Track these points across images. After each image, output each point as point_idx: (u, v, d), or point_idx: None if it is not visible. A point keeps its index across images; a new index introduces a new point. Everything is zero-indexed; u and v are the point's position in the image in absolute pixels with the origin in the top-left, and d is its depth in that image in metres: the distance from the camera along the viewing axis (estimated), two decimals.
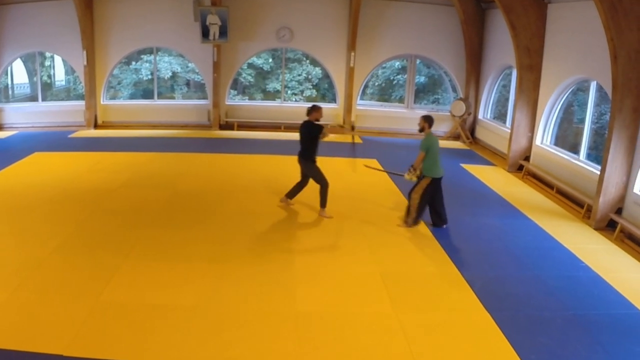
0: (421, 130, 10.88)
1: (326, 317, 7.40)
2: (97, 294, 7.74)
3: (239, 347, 6.65)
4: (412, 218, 10.88)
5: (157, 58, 21.80)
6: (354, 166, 12.66)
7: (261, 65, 23.89)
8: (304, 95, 23.98)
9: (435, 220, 11.00)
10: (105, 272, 8.41)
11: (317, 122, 11.15)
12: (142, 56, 23.07)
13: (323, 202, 11.43)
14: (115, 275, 8.31)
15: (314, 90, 24.19)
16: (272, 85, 23.67)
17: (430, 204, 10.92)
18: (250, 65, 23.64)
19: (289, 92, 23.53)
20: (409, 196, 10.99)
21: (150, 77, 22.29)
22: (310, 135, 11.05)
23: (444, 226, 10.96)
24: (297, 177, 11.67)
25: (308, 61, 23.71)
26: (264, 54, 23.45)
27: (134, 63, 23.34)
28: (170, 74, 23.32)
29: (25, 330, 6.75)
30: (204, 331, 6.92)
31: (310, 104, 11.65)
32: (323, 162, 11.85)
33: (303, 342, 6.76)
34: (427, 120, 10.80)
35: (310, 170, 11.35)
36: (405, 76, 21.96)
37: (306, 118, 11.20)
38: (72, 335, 6.66)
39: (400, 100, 22.63)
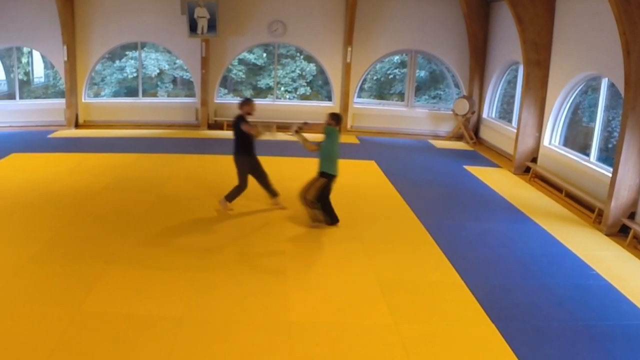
0: (327, 125, 10.97)
1: (321, 328, 7.34)
2: (78, 303, 7.67)
3: (228, 359, 6.62)
4: (311, 216, 11.02)
5: (144, 54, 21.79)
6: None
7: (253, 61, 23.86)
8: (297, 93, 23.94)
9: (331, 218, 11.13)
10: (86, 280, 8.34)
11: (246, 117, 11.27)
12: (127, 52, 23.03)
13: (231, 196, 11.66)
14: (96, 284, 8.25)
15: (308, 88, 24.17)
16: (264, 81, 23.64)
17: (322, 201, 11.03)
18: (242, 61, 23.62)
19: (281, 89, 23.51)
20: (321, 203, 10.98)
21: (135, 74, 22.25)
22: (235, 129, 11.29)
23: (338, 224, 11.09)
24: (291, 180, 11.66)
25: (302, 57, 23.71)
26: (257, 49, 23.46)
27: (118, 62, 23.27)
28: (157, 71, 23.28)
29: (1, 343, 6.67)
30: (192, 343, 6.87)
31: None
32: (316, 164, 11.68)
33: (296, 355, 6.71)
34: (334, 119, 10.99)
35: (237, 164, 11.56)
36: (405, 70, 21.98)
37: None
38: (51, 348, 6.57)
39: (400, 96, 22.63)
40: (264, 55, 23.88)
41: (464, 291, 8.49)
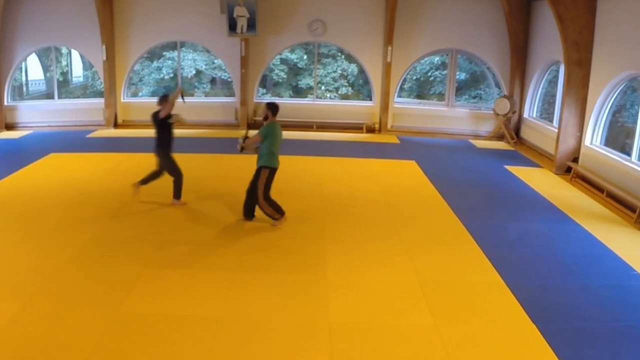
0: (265, 118, 10.95)
1: (361, 328, 7.33)
2: (117, 304, 7.75)
3: None
4: (270, 213, 10.98)
5: (181, 55, 21.94)
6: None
7: (295, 61, 23.92)
8: (339, 92, 23.98)
9: (248, 212, 11.19)
10: (125, 281, 8.43)
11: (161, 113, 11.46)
12: (164, 53, 23.21)
13: (177, 193, 11.85)
14: (136, 285, 8.33)
15: (349, 88, 24.19)
16: (305, 81, 23.70)
17: (250, 194, 11.06)
18: (283, 61, 23.69)
19: (322, 88, 23.55)
20: (248, 195, 11.04)
21: (172, 75, 22.38)
22: (156, 123, 11.52)
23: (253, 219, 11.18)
24: (331, 178, 11.67)
25: (343, 57, 23.71)
26: (298, 49, 23.50)
27: (155, 62, 23.47)
28: (193, 72, 23.42)
29: (40, 344, 6.74)
30: (231, 344, 6.89)
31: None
32: (356, 164, 11.81)
33: (336, 355, 6.69)
34: (271, 108, 10.90)
35: (162, 160, 11.70)
36: (444, 72, 21.92)
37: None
38: (90, 349, 6.64)
39: (439, 96, 22.57)
40: (305, 57, 23.91)
41: (504, 291, 8.47)
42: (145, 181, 11.93)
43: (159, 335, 7.03)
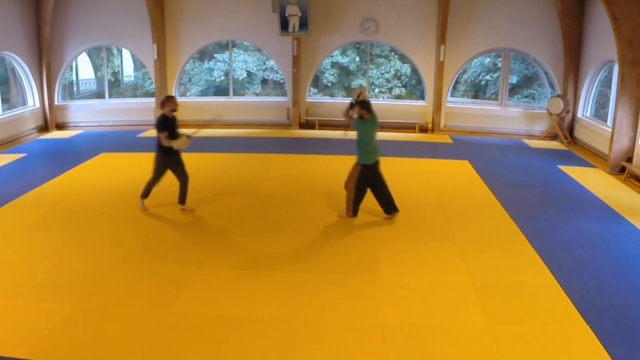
0: (360, 118, 10.93)
1: (415, 329, 7.32)
2: (168, 305, 7.84)
3: None
4: (349, 209, 11.18)
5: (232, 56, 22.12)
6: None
7: (347, 64, 23.93)
8: (392, 93, 23.91)
9: (385, 207, 11.28)
10: (176, 282, 8.52)
11: (170, 115, 11.13)
12: (215, 55, 23.34)
13: (145, 193, 11.60)
14: (187, 286, 8.41)
15: (403, 88, 24.12)
16: (357, 81, 23.68)
17: (373, 192, 11.20)
18: (335, 64, 23.73)
19: (375, 90, 23.53)
20: (345, 187, 11.20)
21: (223, 78, 22.53)
22: (156, 128, 11.16)
23: (396, 213, 11.28)
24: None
25: (396, 57, 23.67)
26: (350, 51, 23.50)
27: (207, 62, 23.64)
28: (244, 74, 23.53)
29: (91, 344, 6.83)
30: (283, 344, 6.92)
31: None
32: (409, 164, 11.79)
33: (390, 357, 6.70)
34: (364, 107, 10.90)
35: (155, 161, 11.39)
36: (497, 75, 21.75)
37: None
38: (140, 349, 6.73)
39: (491, 98, 22.41)
40: (356, 59, 23.91)
41: (558, 292, 8.43)
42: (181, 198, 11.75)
43: (210, 336, 7.09)
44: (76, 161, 15.50)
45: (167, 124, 11.02)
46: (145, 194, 11.64)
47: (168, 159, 11.30)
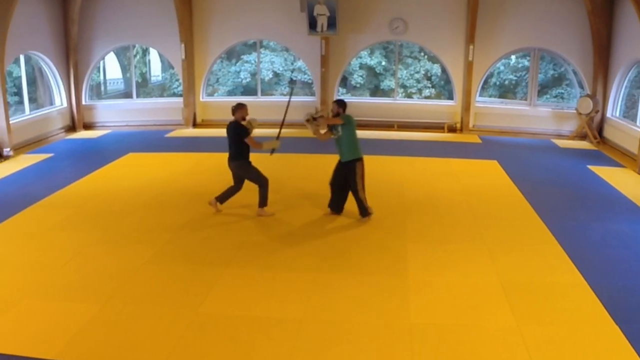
0: (336, 115, 11.20)
1: (443, 330, 7.28)
2: (196, 305, 7.84)
3: None
4: (364, 209, 11.05)
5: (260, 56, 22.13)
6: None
7: (374, 67, 23.88)
8: (422, 94, 23.82)
9: (334, 206, 11.35)
10: (204, 282, 8.51)
11: (243, 122, 11.24)
12: (242, 56, 23.36)
13: (263, 201, 11.38)
14: (215, 286, 8.40)
15: (432, 89, 24.06)
16: (386, 83, 23.66)
17: (338, 190, 11.20)
18: (362, 66, 23.69)
19: (406, 90, 23.47)
20: (352, 190, 11.08)
21: (249, 80, 22.54)
22: (238, 136, 11.10)
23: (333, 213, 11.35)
24: (412, 178, 11.63)
25: (425, 57, 23.60)
26: (378, 51, 23.48)
27: (234, 62, 23.65)
28: (270, 75, 23.50)
29: (118, 345, 6.87)
30: (311, 345, 6.92)
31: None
32: (437, 164, 11.77)
33: (418, 357, 6.67)
34: (340, 105, 11.32)
35: (246, 172, 11.33)
36: (521, 74, 21.64)
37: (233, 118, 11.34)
38: (168, 350, 6.74)
39: (520, 99, 22.30)
40: (383, 62, 23.86)
41: (587, 292, 8.35)
42: (222, 198, 11.57)
43: (238, 337, 7.09)
44: (104, 161, 15.63)
45: (244, 130, 11.16)
46: (263, 202, 11.45)
47: (249, 161, 11.39)
